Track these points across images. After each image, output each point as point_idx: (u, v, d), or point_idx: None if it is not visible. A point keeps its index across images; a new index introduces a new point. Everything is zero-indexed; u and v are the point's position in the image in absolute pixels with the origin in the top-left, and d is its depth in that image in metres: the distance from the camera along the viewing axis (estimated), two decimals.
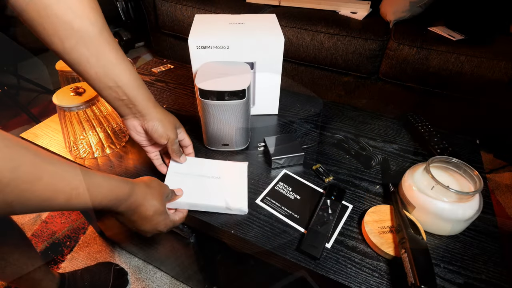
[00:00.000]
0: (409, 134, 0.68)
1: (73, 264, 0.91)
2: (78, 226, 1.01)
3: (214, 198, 0.51)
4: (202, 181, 0.54)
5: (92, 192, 0.34)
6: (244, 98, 0.56)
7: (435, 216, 0.45)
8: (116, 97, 0.46)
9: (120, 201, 0.39)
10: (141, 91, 0.47)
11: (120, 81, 0.45)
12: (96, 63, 0.42)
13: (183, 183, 0.53)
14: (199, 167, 0.57)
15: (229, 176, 0.55)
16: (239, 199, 0.51)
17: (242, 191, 0.53)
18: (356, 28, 1.29)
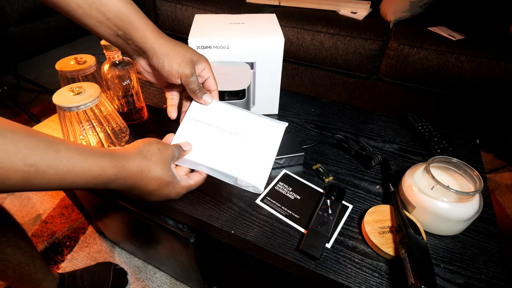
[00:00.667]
0: (409, 134, 0.68)
1: (73, 264, 0.91)
2: (78, 226, 1.01)
3: (226, 163, 0.41)
4: (220, 137, 0.44)
5: (60, 171, 0.29)
6: (244, 98, 0.56)
7: (435, 216, 0.45)
8: (112, 33, 0.40)
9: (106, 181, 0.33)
10: (137, 21, 0.40)
11: (109, 12, 0.38)
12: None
13: (197, 135, 0.43)
14: (223, 117, 0.46)
15: (256, 137, 0.44)
16: (257, 173, 0.42)
17: (265, 163, 0.42)
18: (356, 28, 1.29)
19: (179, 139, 0.44)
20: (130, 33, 0.40)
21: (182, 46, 0.43)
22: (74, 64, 0.63)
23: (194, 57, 0.43)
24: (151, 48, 0.41)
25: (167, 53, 0.41)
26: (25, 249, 0.62)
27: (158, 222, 0.59)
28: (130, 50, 0.43)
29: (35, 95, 1.60)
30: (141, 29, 0.40)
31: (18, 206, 1.05)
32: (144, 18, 0.41)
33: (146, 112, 0.71)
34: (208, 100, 0.46)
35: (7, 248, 0.58)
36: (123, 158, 0.34)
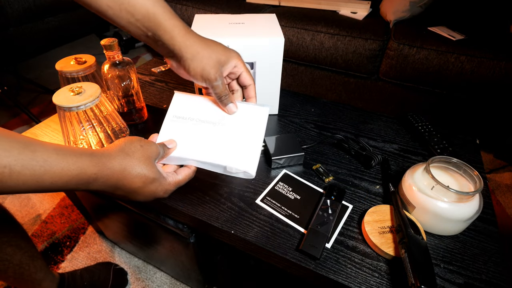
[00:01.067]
0: (409, 134, 0.68)
1: (73, 264, 0.91)
2: (78, 226, 1.01)
3: (213, 153, 0.41)
4: (203, 129, 0.43)
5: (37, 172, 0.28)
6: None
7: (435, 216, 0.45)
8: (143, 34, 0.39)
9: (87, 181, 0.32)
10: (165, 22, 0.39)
11: (137, 12, 0.38)
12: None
13: (180, 131, 0.43)
14: (204, 110, 0.45)
15: (240, 124, 0.44)
16: (246, 158, 0.41)
17: (253, 147, 0.42)
18: (356, 28, 1.29)
19: (163, 138, 0.43)
20: (158, 34, 0.40)
21: (210, 47, 0.42)
22: (74, 64, 0.63)
23: (222, 57, 0.42)
24: (179, 51, 0.41)
25: (193, 56, 0.41)
26: (26, 249, 0.62)
27: (158, 222, 0.59)
28: (162, 51, 0.42)
29: (35, 95, 1.60)
30: (169, 30, 0.40)
31: (18, 206, 1.05)
32: (172, 17, 0.40)
33: (146, 112, 0.71)
34: (233, 109, 0.44)
35: (8, 248, 0.58)
36: (103, 156, 0.34)
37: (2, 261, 0.57)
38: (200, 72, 0.41)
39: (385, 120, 0.72)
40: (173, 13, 0.40)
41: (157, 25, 0.39)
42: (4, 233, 0.57)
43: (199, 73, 0.41)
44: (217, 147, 0.41)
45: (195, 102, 0.46)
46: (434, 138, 0.64)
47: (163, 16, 0.39)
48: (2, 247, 0.57)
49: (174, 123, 0.45)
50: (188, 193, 0.48)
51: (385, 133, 0.68)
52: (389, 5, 1.38)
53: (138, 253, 0.90)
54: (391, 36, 1.26)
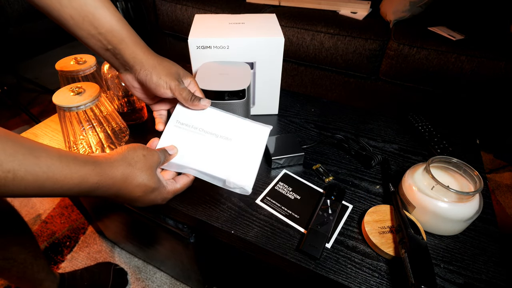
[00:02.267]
0: (409, 134, 0.68)
1: (73, 264, 0.91)
2: (78, 226, 1.01)
3: (214, 166, 0.41)
4: (206, 140, 0.44)
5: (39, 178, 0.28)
6: (244, 98, 0.56)
7: (435, 216, 0.45)
8: (101, 47, 0.41)
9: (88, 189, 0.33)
10: (128, 38, 0.41)
11: (101, 27, 0.39)
12: (69, 3, 0.37)
13: (183, 138, 0.44)
14: (208, 120, 0.46)
15: (243, 140, 0.44)
16: (244, 174, 0.42)
17: (252, 164, 0.42)
18: (356, 28, 1.29)
19: (164, 143, 0.44)
20: (119, 48, 0.41)
21: (168, 61, 0.45)
22: (74, 64, 0.63)
23: (180, 72, 0.45)
24: (140, 62, 0.42)
25: (154, 66, 0.42)
26: (30, 248, 0.62)
27: (158, 222, 0.59)
28: (118, 65, 0.44)
29: (35, 95, 1.60)
30: (130, 45, 0.42)
31: (18, 206, 1.05)
32: (135, 36, 0.43)
33: (146, 112, 0.71)
34: (207, 103, 0.45)
35: (14, 247, 0.58)
36: (106, 165, 0.34)
37: (7, 259, 0.57)
38: (164, 78, 0.42)
39: (385, 120, 0.72)
40: (135, 32, 0.43)
41: (119, 40, 0.41)
42: (11, 231, 0.57)
43: (163, 79, 0.42)
44: (218, 160, 0.42)
45: (199, 111, 0.47)
46: (434, 138, 0.64)
47: (127, 33, 0.42)
48: (8, 245, 0.57)
49: (177, 129, 0.45)
50: (188, 193, 0.48)
51: (385, 133, 0.68)
52: (389, 5, 1.38)
53: (138, 253, 0.90)
54: (391, 36, 1.26)
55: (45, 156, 0.29)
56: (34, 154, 0.28)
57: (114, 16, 0.40)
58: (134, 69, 0.43)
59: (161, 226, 0.59)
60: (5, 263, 0.57)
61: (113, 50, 0.42)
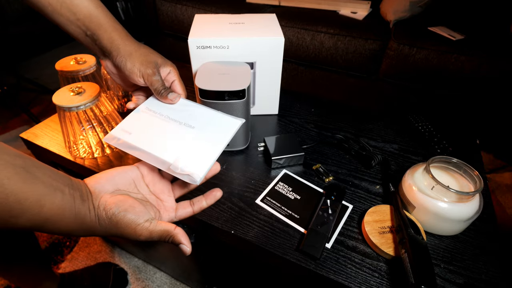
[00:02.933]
0: (409, 134, 0.68)
1: (73, 264, 0.91)
2: None
3: (163, 148, 0.38)
4: (166, 126, 0.41)
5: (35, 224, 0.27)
6: (244, 98, 0.56)
7: (435, 216, 0.45)
8: (81, 33, 0.41)
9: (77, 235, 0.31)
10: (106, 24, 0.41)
11: (79, 12, 0.39)
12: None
13: (145, 121, 0.42)
14: (178, 110, 0.44)
15: (207, 129, 0.41)
16: (196, 162, 0.37)
17: (209, 154, 0.38)
18: (356, 28, 1.29)
19: (126, 124, 0.42)
20: (98, 33, 0.41)
21: (147, 48, 0.44)
22: (74, 64, 0.63)
23: (158, 60, 0.44)
24: (117, 48, 0.42)
25: (131, 53, 0.42)
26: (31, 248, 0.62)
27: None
28: (97, 50, 0.44)
29: (35, 95, 1.60)
30: (109, 31, 0.42)
31: None
32: (113, 21, 0.43)
33: None
34: (174, 98, 0.44)
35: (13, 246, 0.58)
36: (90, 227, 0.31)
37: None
38: (138, 66, 0.42)
39: (385, 120, 0.72)
40: (114, 18, 0.43)
41: (98, 26, 0.41)
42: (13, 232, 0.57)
43: (137, 67, 0.42)
44: (170, 144, 0.39)
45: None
46: (434, 138, 0.64)
47: (105, 18, 0.42)
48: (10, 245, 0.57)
49: (144, 113, 0.43)
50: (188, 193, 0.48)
51: (385, 133, 0.68)
52: (389, 5, 1.38)
53: (138, 253, 0.90)
54: (391, 36, 1.26)
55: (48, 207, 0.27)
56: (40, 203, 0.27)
57: (91, 1, 0.40)
58: (111, 55, 0.43)
59: None
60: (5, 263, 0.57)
61: (91, 36, 0.42)
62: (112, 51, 0.42)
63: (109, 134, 0.41)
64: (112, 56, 0.43)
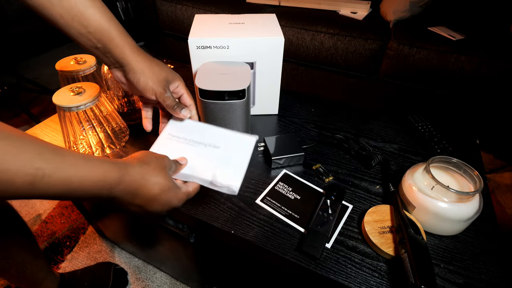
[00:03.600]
0: (409, 134, 0.68)
1: (73, 264, 0.91)
2: (78, 226, 1.01)
3: (201, 169, 0.44)
4: (195, 149, 0.47)
5: (66, 175, 0.28)
6: (244, 98, 0.56)
7: (435, 216, 0.45)
8: (92, 45, 0.42)
9: (110, 185, 0.33)
10: (117, 38, 0.42)
11: (91, 26, 0.40)
12: (59, 2, 0.38)
13: (173, 148, 0.46)
14: (198, 133, 0.49)
15: (231, 147, 0.47)
16: (231, 175, 0.43)
17: (239, 168, 0.45)
18: (356, 28, 1.29)
19: (156, 150, 0.46)
20: (109, 47, 0.43)
21: (158, 65, 0.46)
22: (74, 64, 0.63)
23: (169, 76, 0.46)
24: (129, 64, 0.44)
25: (143, 70, 0.44)
26: (29, 248, 0.62)
27: (158, 222, 0.59)
28: (108, 62, 0.45)
29: (35, 95, 1.60)
30: (120, 46, 0.43)
31: (18, 207, 1.05)
32: (124, 35, 0.44)
33: None
34: (187, 114, 0.48)
35: (13, 246, 0.58)
36: (124, 163, 0.35)
37: (6, 259, 0.57)
38: (151, 85, 0.44)
39: (385, 120, 0.72)
40: (125, 32, 0.44)
41: (109, 40, 0.42)
42: (10, 231, 0.57)
43: (150, 86, 0.44)
44: (205, 164, 0.45)
45: (190, 125, 0.50)
46: (434, 138, 0.64)
47: (116, 32, 0.43)
48: (8, 245, 0.57)
49: (169, 140, 0.48)
50: None
51: (385, 133, 0.68)
52: (389, 5, 1.38)
53: (138, 253, 0.90)
54: (391, 36, 1.26)
55: (69, 155, 0.30)
56: (59, 153, 0.29)
57: (103, 15, 0.41)
58: (123, 69, 0.45)
59: (161, 226, 0.59)
60: (5, 263, 0.57)
61: (102, 49, 0.43)
62: (124, 65, 0.44)
63: None
64: (123, 70, 0.45)
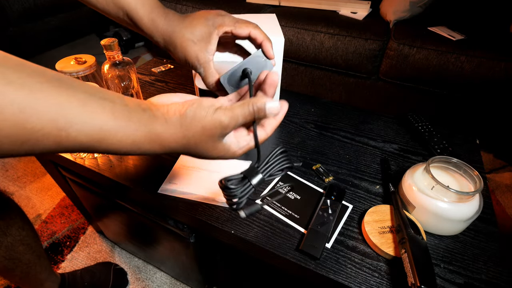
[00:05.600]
0: (409, 134, 0.68)
1: (73, 264, 0.91)
2: (78, 226, 1.01)
3: (208, 190, 0.53)
4: (203, 175, 0.57)
5: (92, 139, 0.26)
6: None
7: (435, 216, 0.45)
8: (121, 18, 0.41)
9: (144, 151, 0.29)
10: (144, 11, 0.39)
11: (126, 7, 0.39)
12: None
13: (185, 174, 0.56)
14: (206, 163, 0.59)
15: (229, 171, 0.56)
16: None
17: None
18: (356, 28, 1.29)
19: (170, 178, 0.56)
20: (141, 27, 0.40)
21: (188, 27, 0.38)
22: (74, 64, 0.63)
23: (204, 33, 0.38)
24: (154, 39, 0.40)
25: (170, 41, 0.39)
26: (35, 248, 0.62)
27: (158, 222, 0.59)
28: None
29: None
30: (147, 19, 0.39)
31: None
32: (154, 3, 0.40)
33: None
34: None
35: (20, 246, 0.58)
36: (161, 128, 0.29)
37: (12, 259, 0.57)
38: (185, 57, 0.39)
39: (385, 120, 0.72)
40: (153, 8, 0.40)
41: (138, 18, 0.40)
42: (18, 232, 0.57)
43: (184, 58, 0.39)
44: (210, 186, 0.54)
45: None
46: (434, 138, 0.64)
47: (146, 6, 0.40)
48: (15, 245, 0.57)
49: (179, 169, 0.57)
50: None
51: (385, 133, 0.68)
52: (389, 5, 1.38)
53: (138, 253, 0.90)
54: (391, 36, 1.26)
55: (100, 112, 0.26)
56: (88, 108, 0.25)
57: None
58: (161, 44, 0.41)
59: (161, 226, 0.59)
60: (10, 263, 0.57)
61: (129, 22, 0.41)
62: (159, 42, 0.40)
63: (161, 187, 0.54)
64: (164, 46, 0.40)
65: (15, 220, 0.57)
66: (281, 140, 0.66)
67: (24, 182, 1.15)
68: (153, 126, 0.29)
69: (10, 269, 0.58)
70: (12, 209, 0.58)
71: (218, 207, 0.51)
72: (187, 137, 0.30)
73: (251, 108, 0.31)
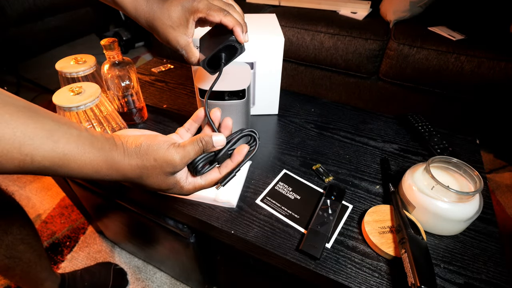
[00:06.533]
0: (409, 134, 0.68)
1: (73, 264, 0.91)
2: (78, 226, 1.01)
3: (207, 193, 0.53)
4: None
5: (55, 164, 0.28)
6: (244, 98, 0.56)
7: (435, 216, 0.45)
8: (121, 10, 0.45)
9: (102, 178, 0.31)
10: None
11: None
12: None
13: None
14: None
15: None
16: (230, 194, 0.53)
17: (237, 188, 0.54)
18: (356, 28, 1.29)
19: None
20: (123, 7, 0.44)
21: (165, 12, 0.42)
22: (74, 64, 0.63)
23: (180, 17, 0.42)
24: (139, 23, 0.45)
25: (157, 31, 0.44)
26: (35, 247, 0.62)
27: (158, 222, 0.59)
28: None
29: (35, 95, 1.60)
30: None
31: None
32: None
33: (146, 112, 0.71)
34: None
35: (20, 245, 0.58)
36: (119, 157, 0.31)
37: (13, 258, 0.57)
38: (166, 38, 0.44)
39: (385, 120, 0.72)
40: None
41: None
42: (19, 230, 0.57)
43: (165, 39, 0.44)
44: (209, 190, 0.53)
45: None
46: (434, 138, 0.64)
47: None
48: (16, 244, 0.57)
49: None
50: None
51: (385, 133, 0.68)
52: (389, 5, 1.38)
53: (138, 253, 0.90)
54: (391, 36, 1.26)
55: (64, 141, 0.28)
56: (53, 138, 0.27)
57: None
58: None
59: (161, 226, 0.59)
60: (11, 262, 0.57)
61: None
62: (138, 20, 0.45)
63: None
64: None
65: (16, 218, 0.57)
66: (281, 140, 0.66)
67: (24, 182, 1.15)
68: (111, 153, 0.31)
69: (10, 268, 0.58)
70: (13, 207, 0.58)
71: (218, 207, 0.51)
72: (141, 168, 0.33)
73: (200, 143, 0.35)
